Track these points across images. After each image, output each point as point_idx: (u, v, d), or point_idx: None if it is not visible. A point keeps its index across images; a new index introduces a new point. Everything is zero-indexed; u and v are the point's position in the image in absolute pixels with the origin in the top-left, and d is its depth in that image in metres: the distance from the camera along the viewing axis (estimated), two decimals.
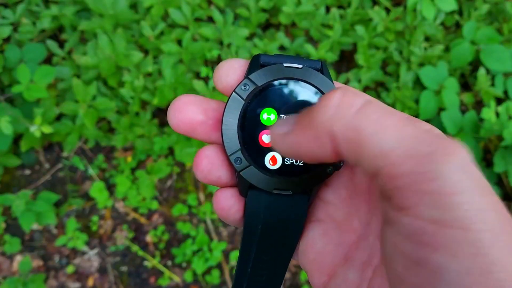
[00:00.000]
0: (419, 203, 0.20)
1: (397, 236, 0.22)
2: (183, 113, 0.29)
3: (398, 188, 0.21)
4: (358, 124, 0.22)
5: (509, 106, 1.03)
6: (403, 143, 0.21)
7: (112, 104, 0.99)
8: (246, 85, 0.29)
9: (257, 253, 0.31)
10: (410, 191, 0.20)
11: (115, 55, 0.98)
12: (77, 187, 1.16)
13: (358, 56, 1.05)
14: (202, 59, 1.07)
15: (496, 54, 1.06)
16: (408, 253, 0.21)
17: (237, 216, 0.31)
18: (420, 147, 0.21)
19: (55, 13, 1.06)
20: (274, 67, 0.30)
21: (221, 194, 0.30)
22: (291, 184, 0.29)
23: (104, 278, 1.10)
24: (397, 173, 0.21)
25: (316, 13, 1.08)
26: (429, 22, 1.07)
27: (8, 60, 1.03)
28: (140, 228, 1.14)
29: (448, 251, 0.20)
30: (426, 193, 0.20)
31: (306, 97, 0.30)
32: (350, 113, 0.22)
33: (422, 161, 0.20)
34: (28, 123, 0.97)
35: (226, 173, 0.30)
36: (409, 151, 0.21)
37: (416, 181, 0.20)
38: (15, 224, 1.12)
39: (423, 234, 0.20)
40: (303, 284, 1.10)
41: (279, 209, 0.30)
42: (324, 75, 0.30)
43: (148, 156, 1.16)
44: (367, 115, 0.22)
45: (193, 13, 1.05)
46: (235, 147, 0.29)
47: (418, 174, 0.20)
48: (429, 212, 0.20)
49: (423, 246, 0.20)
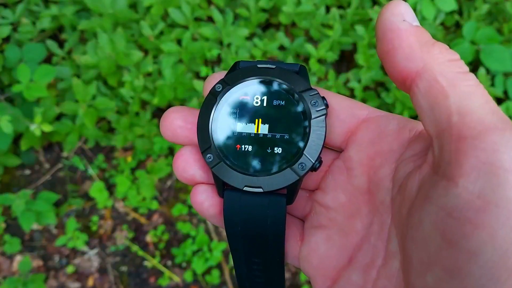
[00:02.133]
0: (474, 171, 0.20)
1: (439, 212, 0.21)
2: (166, 120, 0.31)
3: (459, 150, 0.21)
4: (455, 76, 0.23)
5: (509, 106, 1.03)
6: (485, 111, 0.21)
7: (112, 104, 0.99)
8: (219, 85, 0.30)
9: (245, 255, 0.31)
10: (470, 157, 0.21)
11: (115, 54, 0.98)
12: (77, 187, 1.16)
13: (358, 56, 1.05)
14: (202, 59, 1.07)
15: (496, 54, 1.06)
16: (446, 231, 0.21)
17: (211, 211, 0.31)
18: (497, 121, 0.21)
19: (55, 13, 1.06)
20: (248, 68, 0.30)
21: (195, 189, 0.32)
22: (263, 181, 0.29)
23: (104, 278, 1.10)
24: (466, 134, 0.21)
25: (316, 13, 1.08)
26: (429, 22, 1.07)
27: (8, 60, 1.03)
28: (140, 228, 1.14)
29: (488, 231, 0.19)
30: (484, 162, 0.20)
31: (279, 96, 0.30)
32: (451, 72, 0.23)
33: (492, 132, 0.21)
34: (28, 122, 0.97)
35: (202, 172, 0.31)
36: (485, 119, 0.21)
37: (479, 148, 0.20)
38: (15, 224, 1.12)
39: (468, 209, 0.20)
40: (303, 284, 1.10)
41: (255, 209, 0.30)
42: (301, 77, 0.30)
43: (148, 156, 1.16)
44: (467, 75, 0.23)
45: (193, 12, 1.05)
46: (207, 144, 0.30)
47: (484, 142, 0.20)
48: (480, 185, 0.20)
49: (464, 222, 0.20)
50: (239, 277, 0.32)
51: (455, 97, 0.22)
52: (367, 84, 1.07)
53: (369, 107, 0.30)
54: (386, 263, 0.28)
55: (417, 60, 0.23)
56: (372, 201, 0.29)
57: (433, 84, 0.23)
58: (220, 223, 0.32)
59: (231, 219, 0.30)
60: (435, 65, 0.23)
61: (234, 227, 0.30)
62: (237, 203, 0.30)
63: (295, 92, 0.30)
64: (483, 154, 0.20)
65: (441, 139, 0.22)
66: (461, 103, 0.22)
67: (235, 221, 0.30)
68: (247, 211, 0.30)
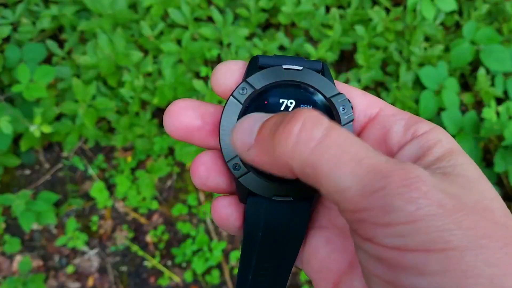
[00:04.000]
0: (379, 234, 0.21)
1: (369, 260, 0.22)
2: (179, 118, 0.28)
3: (357, 221, 0.22)
4: (315, 162, 0.22)
5: (509, 106, 1.03)
6: (358, 180, 0.21)
7: (112, 104, 0.99)
8: (244, 88, 0.28)
9: (257, 260, 0.30)
10: (369, 224, 0.21)
11: (114, 54, 0.98)
12: (77, 187, 1.16)
13: (358, 56, 1.05)
14: (202, 59, 1.07)
15: (496, 54, 1.06)
16: (380, 275, 0.22)
17: (237, 224, 0.30)
18: (375, 181, 0.21)
19: (55, 13, 1.06)
20: (273, 70, 0.28)
21: (219, 203, 0.30)
22: (292, 190, 0.28)
23: (104, 278, 1.10)
24: (355, 208, 0.21)
25: (316, 13, 1.08)
26: (429, 22, 1.07)
27: (8, 60, 1.03)
28: (140, 228, 1.14)
29: (416, 271, 0.20)
30: (384, 225, 0.20)
31: (307, 101, 0.29)
32: (308, 150, 0.22)
33: (376, 196, 0.21)
34: (28, 122, 0.97)
35: (225, 179, 0.29)
36: (364, 188, 0.21)
37: (373, 215, 0.21)
38: (15, 224, 1.12)
39: (390, 258, 0.21)
40: (303, 284, 1.10)
41: (280, 216, 0.29)
42: (325, 76, 0.29)
43: (148, 156, 1.16)
44: (324, 151, 0.22)
45: (192, 13, 1.05)
46: (233, 153, 0.28)
47: (374, 210, 0.21)
48: (391, 241, 0.20)
49: (392, 268, 0.21)
50: (241, 281, 0.31)
51: (322, 180, 0.22)
52: (367, 84, 1.07)
53: (384, 102, 0.29)
54: None
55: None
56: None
57: (302, 174, 0.23)
58: (239, 233, 0.31)
59: (254, 226, 0.29)
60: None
61: (255, 233, 0.29)
62: (262, 210, 0.29)
63: (325, 98, 0.29)
64: (380, 219, 0.21)
65: (339, 211, 0.23)
66: (331, 183, 0.22)
67: (257, 228, 0.29)
68: (273, 218, 0.29)
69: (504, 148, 1.01)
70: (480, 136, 1.01)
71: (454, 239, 0.20)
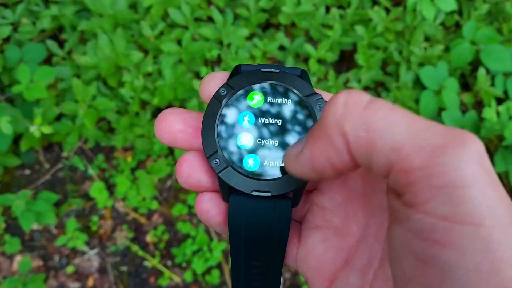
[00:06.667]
0: (431, 198, 0.20)
1: (407, 234, 0.21)
2: (164, 123, 0.30)
3: (410, 183, 0.20)
4: (368, 120, 0.21)
5: (509, 106, 1.03)
6: (415, 135, 0.20)
7: (112, 104, 0.99)
8: (224, 89, 0.30)
9: (246, 258, 0.31)
10: (423, 186, 0.20)
11: (114, 54, 0.98)
12: (77, 187, 1.16)
13: (358, 56, 1.05)
14: (202, 59, 1.07)
15: (496, 54, 1.06)
16: (417, 251, 0.21)
17: (217, 219, 0.31)
18: (433, 139, 0.20)
19: (55, 13, 1.06)
20: (252, 72, 0.30)
21: (200, 197, 0.31)
22: (270, 185, 0.29)
23: (104, 278, 1.10)
24: (410, 167, 0.20)
25: (316, 13, 1.08)
26: (429, 22, 1.07)
27: (8, 60, 1.03)
28: (140, 228, 1.14)
29: (457, 248, 0.19)
30: (438, 187, 0.19)
31: (283, 100, 0.30)
32: (359, 110, 0.22)
33: (434, 153, 0.20)
34: (28, 123, 0.97)
35: (206, 177, 0.30)
36: (421, 143, 0.20)
37: (429, 174, 0.20)
38: (15, 224, 1.12)
39: (434, 231, 0.20)
40: (303, 284, 1.10)
41: (261, 213, 0.30)
42: (304, 81, 0.30)
43: (148, 156, 1.16)
44: (376, 110, 0.22)
45: (192, 13, 1.05)
46: (213, 149, 0.30)
47: (431, 168, 0.20)
48: (441, 208, 0.19)
49: (432, 243, 0.20)
50: (236, 281, 0.32)
51: (377, 139, 0.21)
52: (367, 84, 1.07)
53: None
54: (383, 266, 0.28)
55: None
56: (368, 203, 0.29)
57: (356, 139, 0.22)
58: (224, 231, 0.31)
59: (237, 223, 0.30)
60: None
61: (239, 231, 0.30)
62: (243, 207, 0.30)
63: (301, 97, 0.30)
64: (435, 180, 0.20)
65: (390, 179, 0.22)
66: (387, 140, 0.21)
67: (240, 225, 0.30)
68: (254, 214, 0.30)
69: (505, 148, 1.01)
70: (480, 136, 1.01)
71: (500, 216, 0.19)
